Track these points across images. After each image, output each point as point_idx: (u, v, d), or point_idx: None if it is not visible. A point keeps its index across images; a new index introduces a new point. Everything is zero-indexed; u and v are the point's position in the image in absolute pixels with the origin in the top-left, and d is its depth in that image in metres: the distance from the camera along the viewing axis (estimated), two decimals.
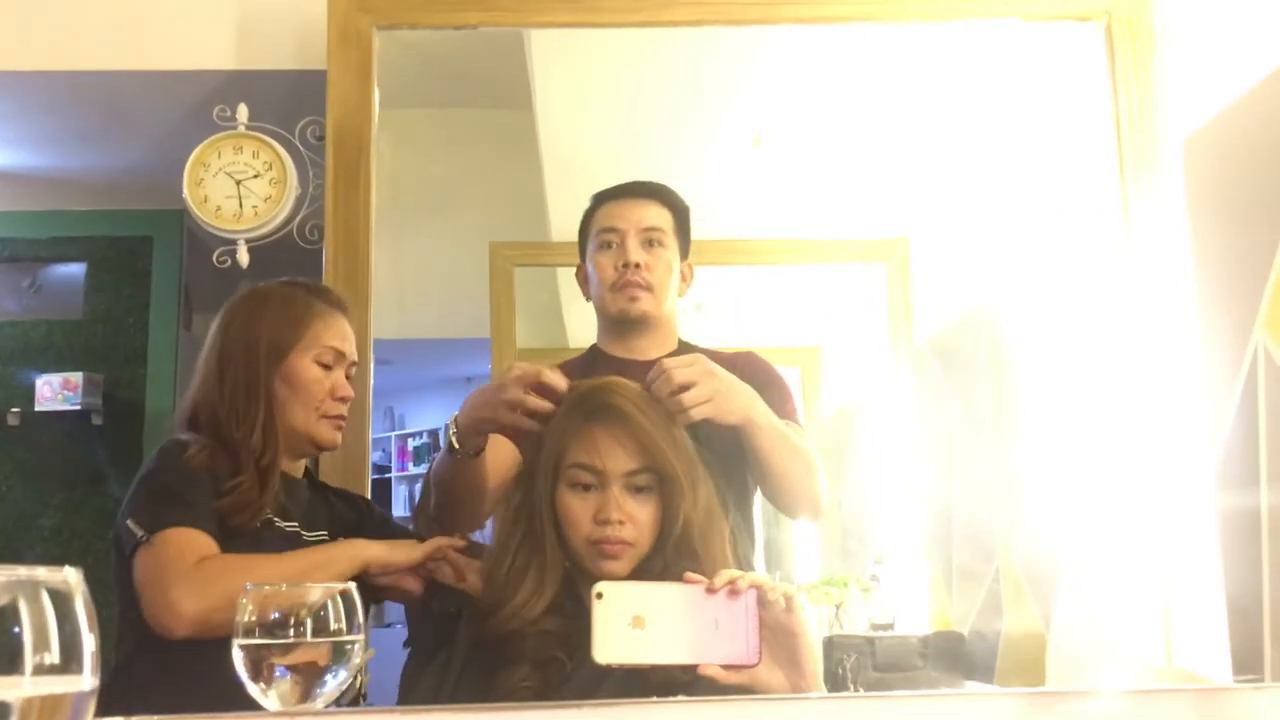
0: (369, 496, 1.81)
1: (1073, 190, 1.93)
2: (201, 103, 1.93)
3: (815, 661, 0.98)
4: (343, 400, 1.41)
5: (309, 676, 0.62)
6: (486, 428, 1.30)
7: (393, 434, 3.00)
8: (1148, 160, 1.71)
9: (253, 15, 1.96)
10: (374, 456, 2.59)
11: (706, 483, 1.19)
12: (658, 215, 1.61)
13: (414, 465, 3.01)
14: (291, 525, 1.36)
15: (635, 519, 1.14)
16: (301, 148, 1.90)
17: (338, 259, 1.80)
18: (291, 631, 0.63)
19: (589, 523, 1.14)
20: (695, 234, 2.94)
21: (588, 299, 1.68)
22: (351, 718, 1.14)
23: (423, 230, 2.49)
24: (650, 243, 1.58)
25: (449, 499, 1.37)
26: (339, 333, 1.41)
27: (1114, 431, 1.74)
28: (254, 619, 0.64)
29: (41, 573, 0.43)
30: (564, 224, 2.93)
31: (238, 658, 0.63)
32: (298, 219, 1.89)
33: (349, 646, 0.64)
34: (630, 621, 0.95)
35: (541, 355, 3.70)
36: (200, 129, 1.88)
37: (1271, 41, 1.42)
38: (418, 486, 3.01)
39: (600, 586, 0.96)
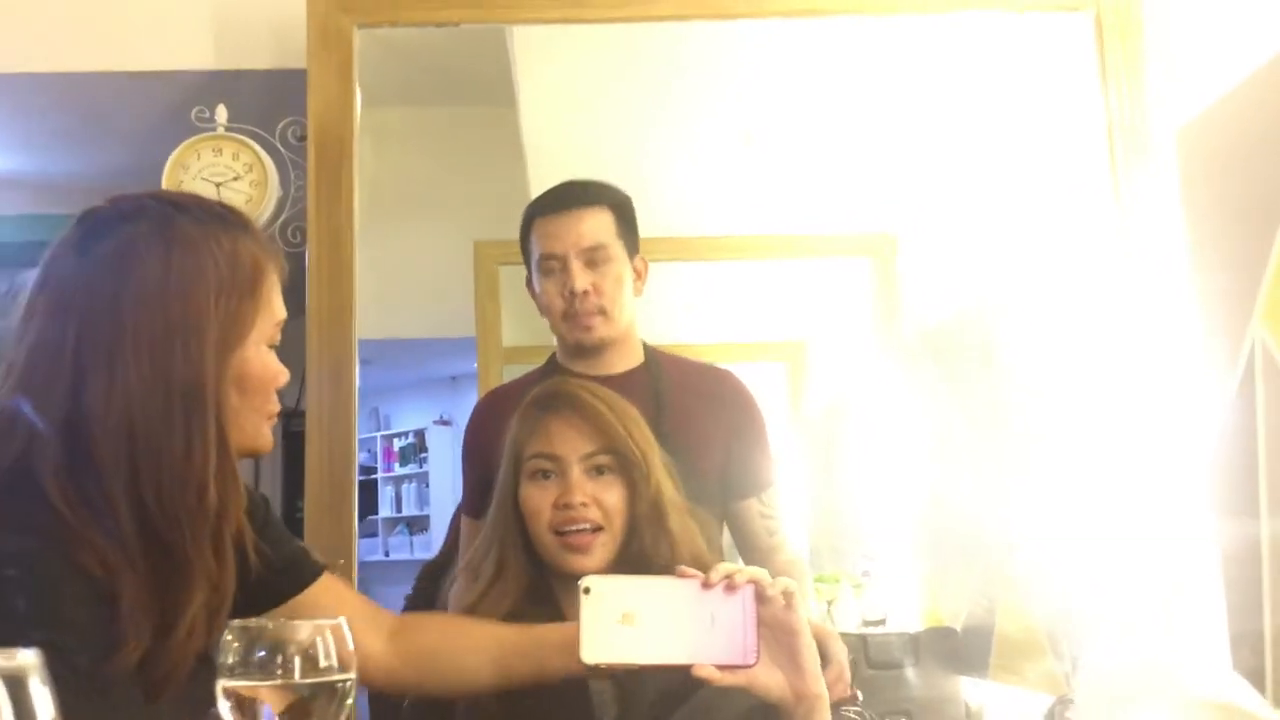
0: (357, 499, 1.78)
1: (1064, 183, 1.91)
2: (180, 104, 1.90)
3: (815, 661, 0.95)
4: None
5: (298, 717, 0.60)
6: None
7: (378, 434, 2.97)
8: (1140, 152, 1.70)
9: (231, 14, 1.92)
10: (360, 458, 2.57)
11: (669, 467, 1.18)
12: (596, 226, 1.52)
13: (400, 466, 2.99)
14: None
15: (600, 501, 1.13)
16: (282, 149, 1.88)
17: (321, 261, 1.78)
18: (279, 670, 0.60)
19: (550, 509, 1.13)
20: (682, 231, 2.93)
21: (542, 315, 1.60)
22: None
23: (406, 229, 2.47)
24: (595, 261, 1.50)
25: None
26: (280, 292, 1.00)
27: (1109, 428, 1.72)
28: (239, 658, 0.61)
29: None
30: None
31: (223, 702, 0.61)
32: (280, 221, 1.86)
33: (340, 685, 0.61)
34: (619, 618, 0.90)
35: (527, 353, 3.68)
36: (179, 130, 1.85)
37: (1265, 31, 1.41)
38: (404, 487, 3.00)
39: (587, 581, 0.91)
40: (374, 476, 3.01)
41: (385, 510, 2.96)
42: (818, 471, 3.54)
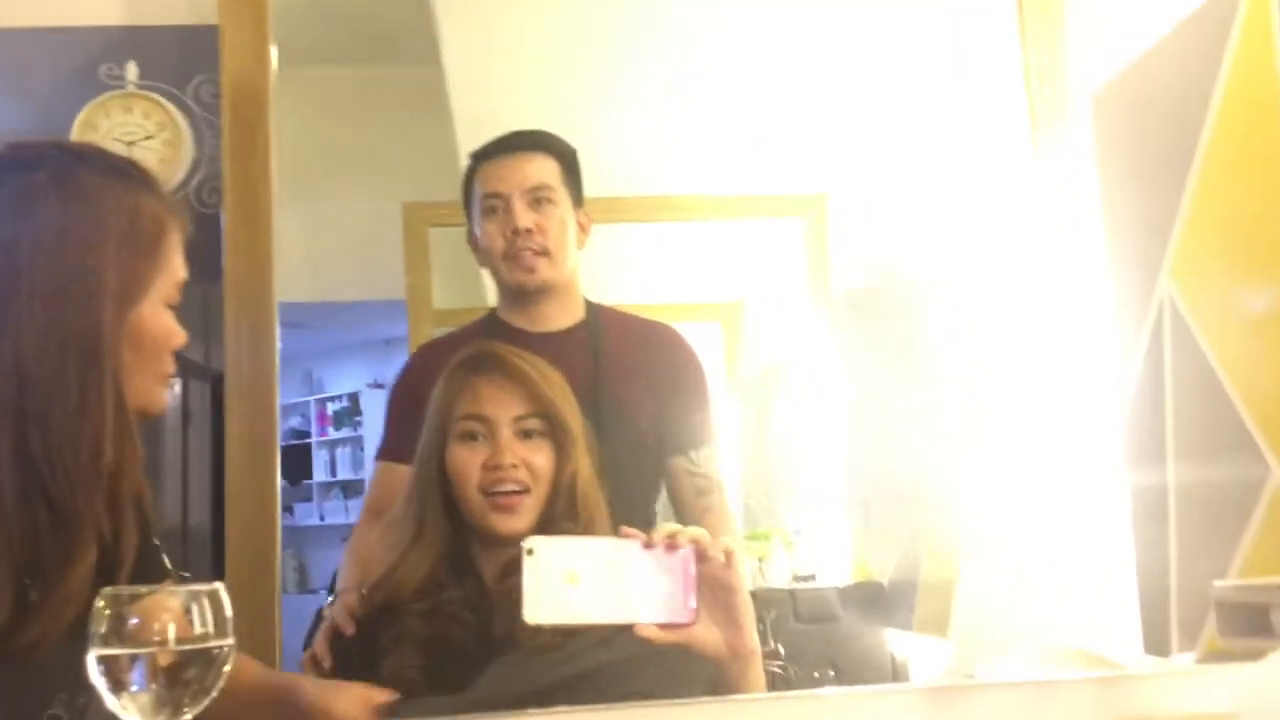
0: (279, 464, 1.76)
1: (986, 144, 1.93)
2: (87, 61, 1.84)
3: (751, 617, 0.97)
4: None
5: (174, 685, 0.59)
6: None
7: (311, 398, 2.94)
8: (1057, 114, 1.72)
9: None
10: (293, 422, 2.54)
11: (589, 438, 1.19)
12: (542, 169, 1.52)
13: (334, 430, 2.96)
14: None
15: (529, 463, 1.14)
16: (195, 107, 1.83)
17: (237, 222, 1.75)
18: (155, 639, 0.59)
19: (479, 470, 1.13)
20: (614, 191, 2.91)
21: (481, 266, 1.60)
22: None
23: (333, 191, 2.43)
24: (539, 201, 1.49)
25: None
26: (181, 251, 0.98)
27: (1025, 383, 1.76)
28: (111, 626, 0.60)
29: None
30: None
31: (94, 670, 0.60)
32: (194, 182, 1.82)
33: (217, 651, 0.60)
34: (563, 579, 0.91)
35: (460, 316, 3.64)
36: (87, 88, 1.80)
37: None
38: (339, 451, 2.98)
39: (530, 542, 0.92)
40: (308, 441, 2.97)
41: (320, 474, 2.93)
42: (752, 430, 3.57)
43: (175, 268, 0.96)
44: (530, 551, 0.92)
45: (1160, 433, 1.45)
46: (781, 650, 1.38)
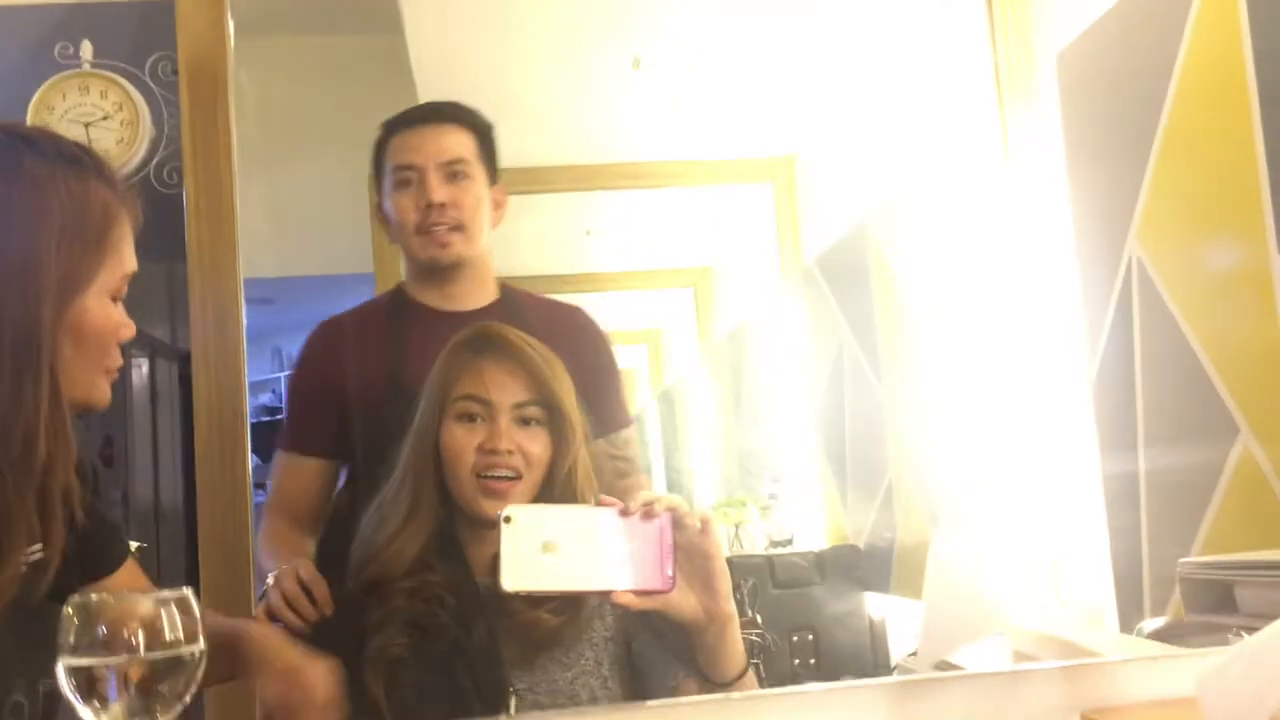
0: (250, 444, 1.75)
1: (953, 105, 1.93)
2: (41, 39, 1.79)
3: (727, 582, 0.98)
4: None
5: (146, 694, 0.58)
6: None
7: (282, 374, 2.92)
8: (1023, 74, 1.71)
9: None
10: (263, 399, 2.52)
11: (586, 424, 1.18)
12: (459, 143, 1.46)
13: None
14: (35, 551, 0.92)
15: (524, 450, 1.13)
16: (153, 85, 1.80)
17: (199, 200, 1.72)
18: (124, 647, 0.59)
19: (474, 452, 1.12)
20: (582, 159, 2.90)
21: (391, 242, 1.52)
22: None
23: (297, 164, 2.40)
24: (454, 175, 1.43)
25: None
26: (131, 242, 0.94)
27: (993, 347, 1.76)
28: (79, 636, 0.59)
29: None
30: None
31: (65, 680, 0.59)
32: (154, 161, 1.79)
33: (188, 657, 0.60)
34: (540, 547, 0.91)
35: None
36: (41, 68, 1.76)
37: None
38: None
39: (508, 510, 0.93)
40: (280, 417, 2.96)
41: None
42: (726, 396, 3.58)
43: (123, 259, 0.92)
44: (508, 519, 0.92)
45: (1130, 395, 1.46)
46: (759, 619, 1.39)
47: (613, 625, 1.12)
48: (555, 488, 1.14)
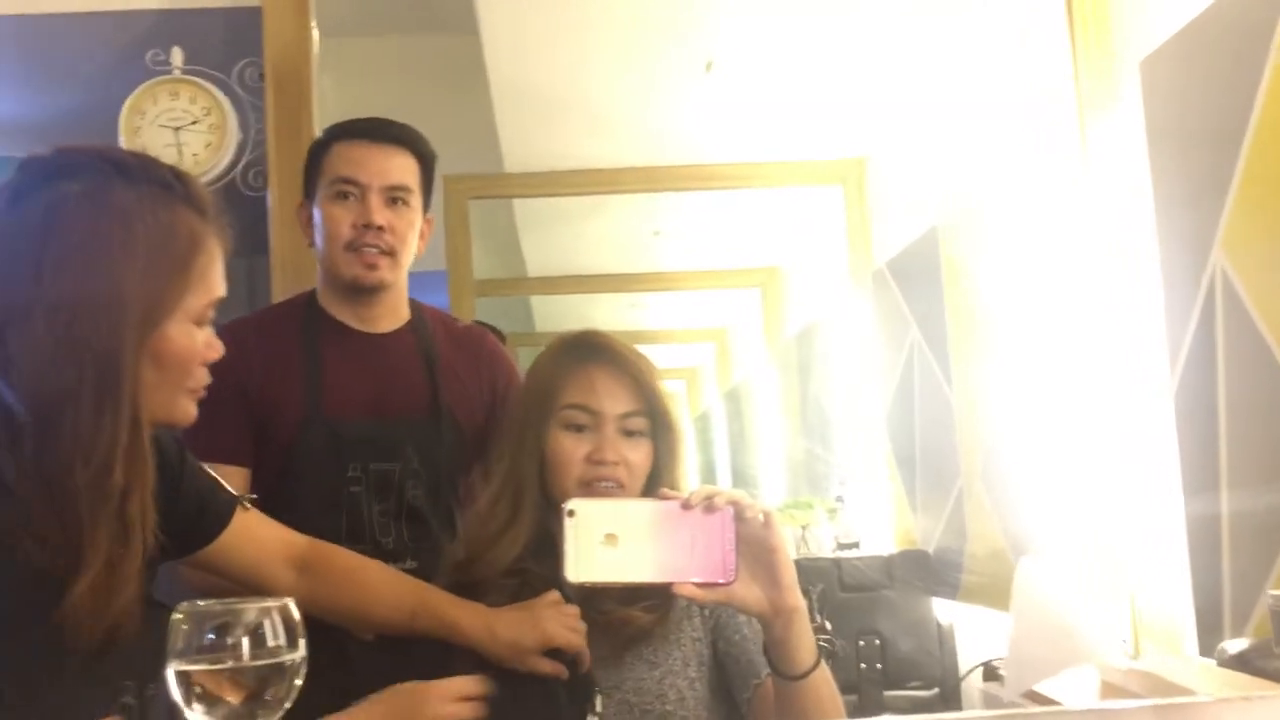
0: None
1: (1031, 111, 1.90)
2: (134, 46, 1.85)
3: (793, 576, 0.97)
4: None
5: (249, 699, 0.60)
6: None
7: None
8: (1104, 81, 1.69)
9: None
10: None
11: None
12: (404, 168, 1.43)
13: None
14: None
15: (629, 461, 1.13)
16: (240, 91, 1.84)
17: (283, 203, 1.76)
18: (229, 653, 0.61)
19: (581, 463, 1.12)
20: (651, 160, 2.90)
21: (310, 244, 1.47)
22: None
23: None
24: (395, 201, 1.41)
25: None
26: (220, 268, 0.94)
27: (1070, 358, 1.74)
28: (187, 641, 0.62)
29: None
30: (517, 155, 2.89)
31: (173, 684, 0.62)
32: (240, 165, 1.83)
33: (289, 664, 0.62)
34: (602, 540, 0.92)
35: (498, 286, 3.69)
36: (134, 74, 1.81)
37: None
38: None
39: (572, 504, 0.94)
40: None
41: None
42: (792, 397, 3.57)
43: (210, 286, 0.93)
44: (571, 513, 0.92)
45: (1213, 408, 1.44)
46: (828, 625, 1.39)
47: (700, 627, 1.12)
48: (651, 492, 1.14)
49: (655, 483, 1.12)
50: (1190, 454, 1.48)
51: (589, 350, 1.16)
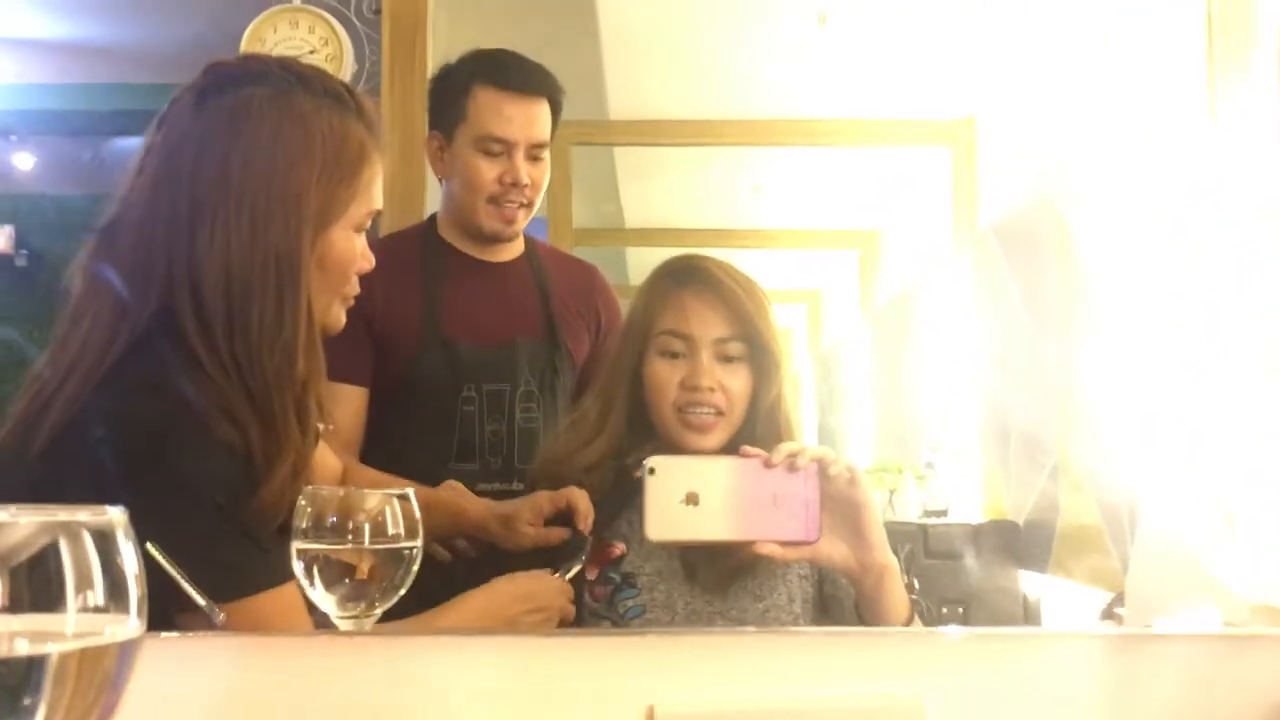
0: None
1: (1153, 72, 1.83)
2: None
3: (881, 533, 0.97)
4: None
5: (367, 582, 0.62)
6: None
7: None
8: (1238, 44, 1.62)
9: None
10: None
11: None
12: (545, 122, 1.45)
13: None
14: None
15: (726, 387, 1.13)
16: (358, 22, 1.87)
17: (393, 137, 1.78)
18: (350, 536, 0.63)
19: (676, 388, 1.13)
20: (756, 114, 2.87)
21: (440, 178, 1.49)
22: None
23: None
24: (536, 157, 1.44)
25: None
26: (380, 182, 1.01)
27: (1186, 335, 1.69)
28: (311, 523, 0.64)
29: (83, 514, 0.40)
30: (622, 102, 2.88)
31: (295, 561, 0.64)
32: None
33: (406, 552, 0.64)
34: (684, 498, 0.92)
35: (597, 235, 3.69)
36: (255, 2, 1.85)
37: None
38: None
39: (652, 461, 0.94)
40: None
41: None
42: (886, 360, 3.52)
43: (372, 197, 0.97)
44: (652, 471, 0.92)
45: None
46: (916, 584, 1.37)
47: (808, 565, 1.13)
48: (758, 424, 1.13)
49: (757, 411, 1.12)
50: None
51: (685, 275, 1.16)
